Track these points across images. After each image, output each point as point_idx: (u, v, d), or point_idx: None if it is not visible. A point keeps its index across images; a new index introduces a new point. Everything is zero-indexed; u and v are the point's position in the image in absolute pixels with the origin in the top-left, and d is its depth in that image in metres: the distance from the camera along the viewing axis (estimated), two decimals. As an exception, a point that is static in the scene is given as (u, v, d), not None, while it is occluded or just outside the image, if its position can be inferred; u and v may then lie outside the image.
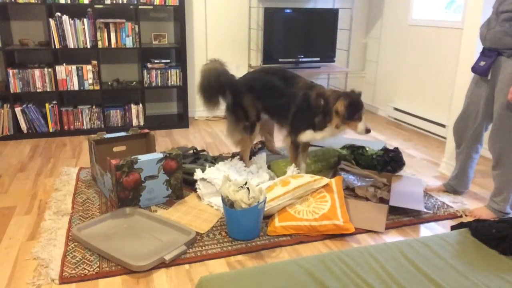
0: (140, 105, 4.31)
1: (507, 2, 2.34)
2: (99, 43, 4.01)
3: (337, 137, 2.93)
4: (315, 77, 5.28)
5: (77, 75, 4.04)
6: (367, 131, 2.65)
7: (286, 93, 2.84)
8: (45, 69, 3.96)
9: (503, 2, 2.37)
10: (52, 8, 3.97)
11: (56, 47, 3.92)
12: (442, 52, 4.18)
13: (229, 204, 2.32)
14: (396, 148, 3.21)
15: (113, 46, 4.06)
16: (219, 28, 4.72)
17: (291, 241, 2.33)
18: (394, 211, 2.64)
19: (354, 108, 2.62)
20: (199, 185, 2.81)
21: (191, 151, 3.41)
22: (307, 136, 2.82)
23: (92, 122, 4.22)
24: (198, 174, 2.85)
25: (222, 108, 5.00)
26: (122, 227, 2.42)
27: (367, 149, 3.20)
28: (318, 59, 4.88)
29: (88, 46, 4.00)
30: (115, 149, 3.09)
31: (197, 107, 4.89)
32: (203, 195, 2.77)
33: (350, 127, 2.69)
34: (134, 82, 4.37)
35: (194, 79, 4.76)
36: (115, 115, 4.28)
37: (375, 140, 4.16)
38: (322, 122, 2.73)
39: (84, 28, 3.94)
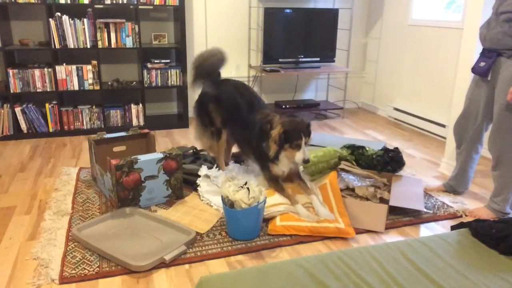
0: (140, 105, 4.31)
1: (507, 3, 2.33)
2: (99, 43, 4.01)
3: (336, 137, 2.88)
4: (315, 77, 5.28)
5: (77, 75, 4.04)
6: (305, 161, 2.46)
7: (249, 122, 2.69)
8: (45, 69, 3.96)
9: (503, 3, 2.37)
10: (52, 8, 3.97)
11: (56, 47, 3.92)
12: (442, 52, 4.18)
13: (229, 204, 2.32)
14: (396, 148, 3.21)
15: (113, 46, 4.06)
16: (219, 28, 4.72)
17: (291, 241, 2.33)
18: (394, 211, 2.64)
19: (289, 136, 2.43)
20: (200, 181, 2.82)
21: (191, 151, 3.41)
22: (276, 168, 2.59)
23: (92, 122, 4.22)
24: (203, 170, 2.87)
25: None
26: (122, 227, 2.42)
27: (367, 149, 3.20)
28: (318, 59, 4.88)
29: (88, 46, 4.00)
30: (115, 149, 3.09)
31: (197, 107, 4.88)
32: (203, 192, 2.77)
33: (289, 154, 2.50)
34: (134, 82, 4.36)
35: (194, 79, 4.76)
36: (115, 115, 4.28)
37: (375, 140, 4.16)
38: (268, 148, 2.54)
39: (84, 28, 3.93)
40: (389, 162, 3.09)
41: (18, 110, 3.96)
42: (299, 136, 2.45)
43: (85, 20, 3.92)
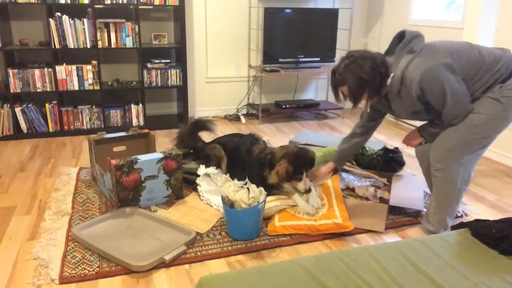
0: (140, 105, 4.31)
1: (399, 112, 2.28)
2: (99, 43, 4.01)
3: (336, 137, 2.89)
4: (315, 77, 5.28)
5: (77, 75, 4.04)
6: (307, 191, 2.51)
7: (248, 161, 2.78)
8: (45, 69, 3.96)
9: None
10: (52, 8, 3.97)
11: (56, 47, 3.92)
12: (442, 52, 4.17)
13: (229, 204, 2.32)
14: (396, 148, 3.21)
15: (113, 46, 4.06)
16: (219, 28, 4.71)
17: (291, 241, 2.33)
18: (394, 211, 2.64)
19: (296, 171, 2.48)
20: (200, 180, 2.82)
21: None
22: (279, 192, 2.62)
23: (92, 122, 4.22)
24: (201, 169, 2.87)
25: (222, 108, 5.00)
26: (122, 227, 2.42)
27: (367, 149, 3.20)
28: (318, 59, 4.88)
29: (88, 46, 4.00)
30: (115, 149, 3.09)
31: (197, 107, 4.89)
32: (203, 191, 2.78)
33: (292, 185, 2.55)
34: (134, 82, 4.36)
35: (194, 79, 4.76)
36: (115, 115, 4.28)
37: (375, 140, 4.16)
38: (269, 176, 2.58)
39: (84, 28, 3.93)
40: (389, 162, 3.09)
41: (18, 110, 3.96)
42: (301, 172, 2.50)
43: (85, 20, 3.92)
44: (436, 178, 2.26)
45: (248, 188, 2.32)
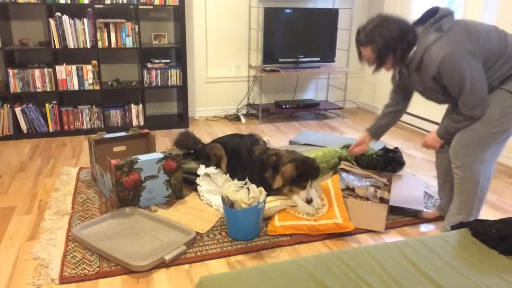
0: (140, 105, 4.31)
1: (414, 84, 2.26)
2: (99, 43, 4.01)
3: (336, 137, 2.88)
4: (315, 77, 5.28)
5: (77, 75, 4.04)
6: (308, 201, 2.48)
7: (248, 161, 2.79)
8: (45, 69, 3.96)
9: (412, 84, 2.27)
10: (52, 8, 3.97)
11: (56, 47, 3.92)
12: (442, 52, 4.17)
13: (229, 204, 2.32)
14: (396, 148, 3.21)
15: (113, 46, 4.06)
16: (219, 28, 4.71)
17: (291, 241, 2.33)
18: (394, 211, 2.64)
19: (302, 177, 2.48)
20: (200, 180, 2.82)
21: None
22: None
23: (92, 122, 4.22)
24: (201, 169, 2.87)
25: (222, 108, 5.00)
26: (122, 227, 2.42)
27: (367, 149, 3.20)
28: (318, 59, 4.89)
29: (88, 46, 4.00)
30: (115, 149, 3.09)
31: (197, 107, 4.89)
32: (203, 192, 2.78)
33: (293, 189, 2.53)
34: (134, 82, 4.37)
35: (194, 79, 4.76)
36: (115, 115, 4.28)
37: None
38: (271, 178, 2.59)
39: (84, 28, 3.93)
40: (389, 162, 3.09)
41: (18, 110, 3.96)
42: (307, 179, 2.49)
43: (85, 20, 3.92)
44: (458, 176, 2.25)
45: (248, 188, 2.32)
